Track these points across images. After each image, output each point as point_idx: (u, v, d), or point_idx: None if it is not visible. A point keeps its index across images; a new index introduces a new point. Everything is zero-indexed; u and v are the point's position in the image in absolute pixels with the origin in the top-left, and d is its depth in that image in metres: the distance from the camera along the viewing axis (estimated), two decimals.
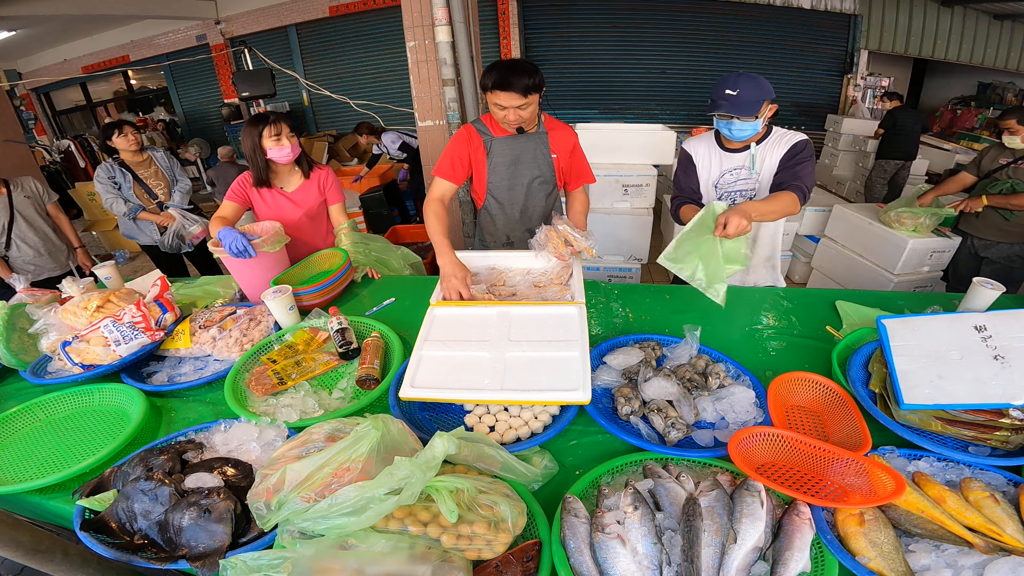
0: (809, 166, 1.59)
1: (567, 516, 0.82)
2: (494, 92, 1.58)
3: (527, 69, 1.57)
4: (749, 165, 1.68)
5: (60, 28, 6.81)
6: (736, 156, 1.71)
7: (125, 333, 1.38)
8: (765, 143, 1.66)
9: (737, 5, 6.29)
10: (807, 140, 1.61)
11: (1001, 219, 2.53)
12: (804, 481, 0.90)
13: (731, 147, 1.70)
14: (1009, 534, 0.78)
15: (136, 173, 2.88)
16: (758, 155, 1.66)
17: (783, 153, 1.62)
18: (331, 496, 0.75)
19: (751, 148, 1.66)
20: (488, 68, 1.60)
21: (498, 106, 1.62)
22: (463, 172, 1.81)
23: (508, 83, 1.55)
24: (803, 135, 1.63)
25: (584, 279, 1.57)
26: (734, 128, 1.58)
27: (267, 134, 1.84)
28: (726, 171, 1.73)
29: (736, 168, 1.71)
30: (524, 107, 1.61)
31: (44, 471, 1.11)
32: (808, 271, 3.88)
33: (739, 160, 1.70)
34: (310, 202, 2.01)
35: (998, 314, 1.13)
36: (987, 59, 6.21)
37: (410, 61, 3.11)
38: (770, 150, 1.65)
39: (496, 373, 1.15)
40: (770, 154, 1.65)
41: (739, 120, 1.55)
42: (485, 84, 1.60)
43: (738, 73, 1.55)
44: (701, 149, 1.78)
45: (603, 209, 3.42)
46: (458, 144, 1.79)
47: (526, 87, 1.56)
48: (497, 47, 6.60)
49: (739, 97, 1.51)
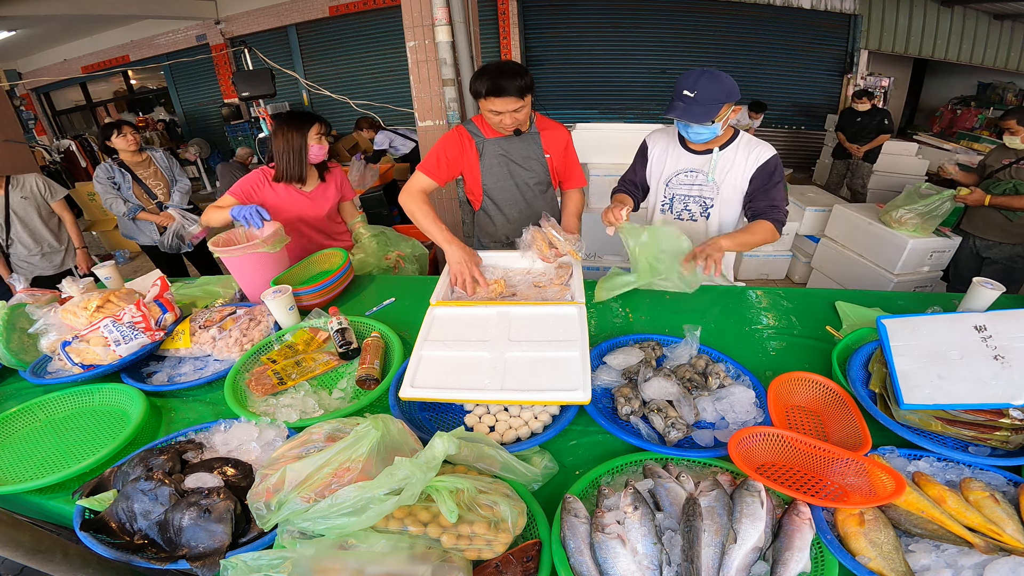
0: (782, 186, 1.55)
1: (567, 516, 0.82)
2: (488, 99, 1.55)
3: (517, 71, 1.54)
4: (708, 171, 1.61)
5: (60, 28, 6.82)
6: (695, 158, 1.64)
7: (125, 333, 1.38)
8: (729, 148, 1.59)
9: (737, 5, 6.30)
10: (776, 155, 1.56)
11: (1004, 219, 2.53)
12: (804, 481, 0.90)
13: (692, 148, 1.64)
14: (1009, 534, 0.78)
15: (135, 173, 2.89)
16: (720, 161, 1.59)
17: (753, 170, 1.55)
18: (331, 496, 0.75)
19: (713, 153, 1.59)
20: (477, 75, 1.56)
21: (493, 112, 1.59)
22: (447, 173, 1.79)
23: (501, 88, 1.52)
24: (771, 149, 1.56)
25: (584, 279, 1.57)
26: (691, 131, 1.53)
27: (314, 132, 1.84)
28: (681, 171, 1.67)
29: (692, 171, 1.64)
30: (520, 109, 1.59)
31: (44, 471, 1.11)
32: (808, 271, 3.88)
33: (697, 163, 1.63)
34: (329, 201, 2.02)
35: (998, 314, 1.13)
36: (987, 59, 6.21)
37: (410, 61, 3.11)
38: (736, 160, 1.58)
39: (496, 373, 1.15)
40: (735, 164, 1.58)
41: (696, 124, 1.49)
42: (477, 91, 1.56)
43: (701, 70, 1.46)
44: (660, 143, 1.73)
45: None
46: (447, 145, 1.77)
47: (520, 89, 1.54)
48: (497, 47, 6.60)
49: (696, 100, 1.43)
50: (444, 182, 1.79)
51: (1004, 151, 2.60)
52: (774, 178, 1.55)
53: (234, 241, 1.76)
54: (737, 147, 1.59)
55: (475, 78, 1.57)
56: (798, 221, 3.88)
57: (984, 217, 2.62)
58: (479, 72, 1.57)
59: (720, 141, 1.60)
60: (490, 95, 1.54)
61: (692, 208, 1.70)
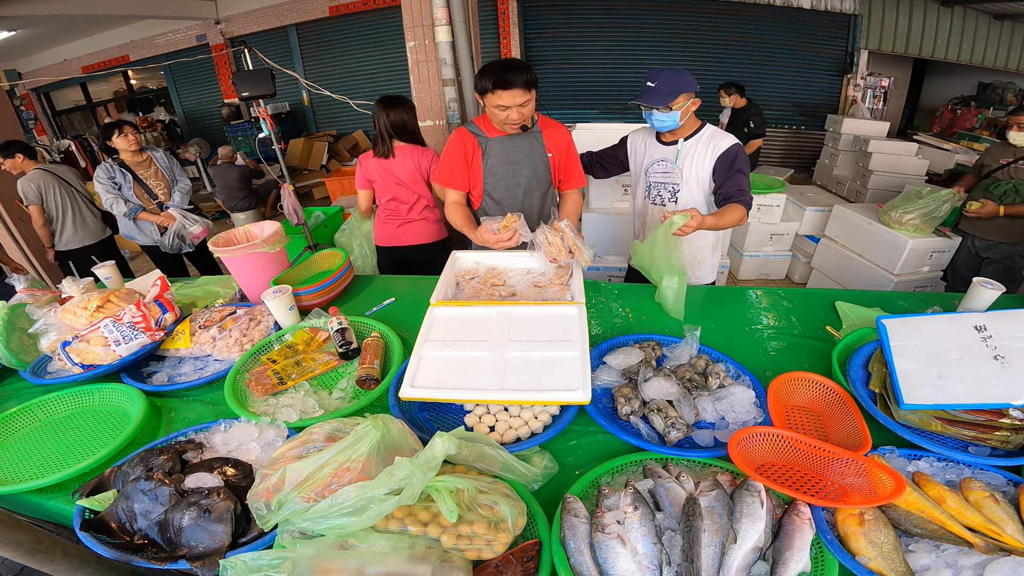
0: (745, 173, 1.67)
1: (567, 516, 0.82)
2: (495, 93, 1.57)
3: (521, 65, 1.58)
4: (673, 159, 1.77)
5: (60, 28, 6.82)
6: (665, 148, 1.80)
7: (125, 333, 1.38)
8: (692, 139, 1.74)
9: (737, 5, 6.29)
10: (738, 144, 1.68)
11: (1007, 221, 2.51)
12: (804, 481, 0.90)
13: (664, 140, 1.80)
14: (1009, 534, 0.78)
15: (136, 173, 2.89)
16: (683, 151, 1.75)
17: (715, 159, 1.69)
18: (331, 496, 0.75)
19: (679, 143, 1.75)
20: (482, 72, 1.59)
21: (500, 107, 1.61)
22: (462, 178, 1.84)
23: (509, 81, 1.55)
24: (733, 139, 1.70)
25: (584, 279, 1.56)
26: (654, 118, 1.68)
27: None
28: (654, 161, 1.83)
29: (662, 160, 1.81)
30: (526, 104, 1.61)
31: (44, 471, 1.11)
32: (808, 271, 3.88)
33: (666, 153, 1.80)
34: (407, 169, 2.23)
35: (998, 314, 1.13)
36: (987, 59, 6.20)
37: (410, 61, 3.11)
38: (698, 148, 1.72)
39: (496, 373, 1.15)
40: (698, 153, 1.72)
41: (656, 111, 1.64)
42: (484, 87, 1.59)
43: (663, 67, 1.64)
44: (639, 137, 1.92)
45: (603, 209, 3.42)
46: (451, 151, 1.81)
47: (527, 82, 1.57)
48: (497, 47, 6.60)
49: (655, 89, 1.61)
50: (466, 187, 1.87)
51: (1002, 150, 2.58)
52: (735, 165, 1.67)
53: (234, 241, 1.77)
54: (700, 138, 1.75)
55: (480, 75, 1.60)
56: (798, 221, 3.88)
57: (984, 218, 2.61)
58: (483, 69, 1.59)
59: (686, 132, 1.75)
60: (497, 88, 1.56)
61: (663, 194, 1.86)
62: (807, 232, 3.91)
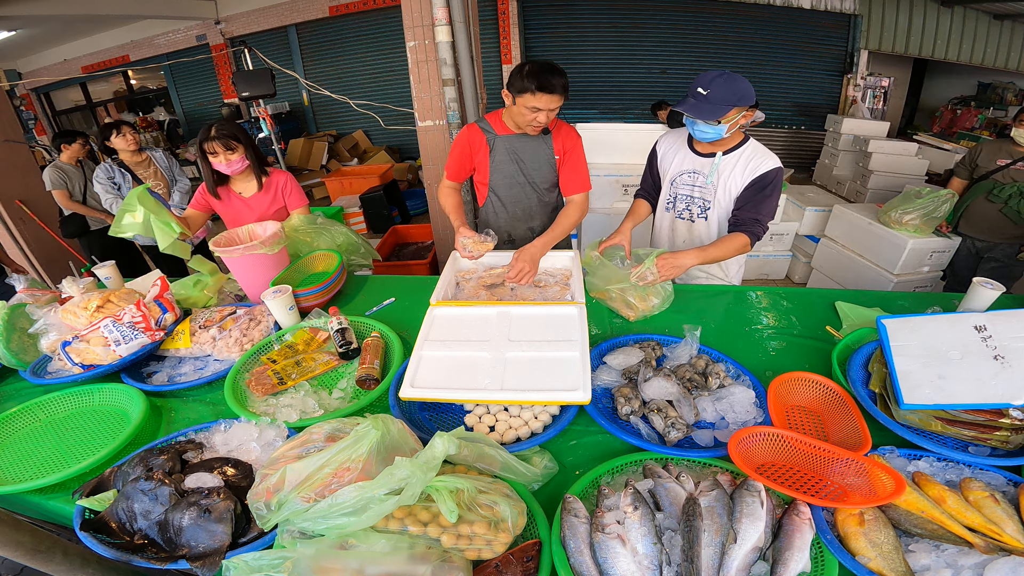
0: (773, 200, 1.57)
1: (567, 516, 0.82)
2: (535, 95, 1.54)
3: (560, 70, 1.56)
4: (708, 173, 1.63)
5: (60, 28, 6.82)
6: (699, 160, 1.66)
7: (125, 333, 1.38)
8: (733, 154, 1.60)
9: (737, 5, 6.29)
10: (779, 169, 1.55)
11: (1008, 222, 2.49)
12: (804, 481, 0.90)
13: (699, 150, 1.66)
14: (1009, 534, 0.78)
15: (135, 173, 2.89)
16: (720, 166, 1.61)
17: (751, 179, 1.56)
18: (331, 496, 0.75)
19: (716, 157, 1.61)
20: (519, 71, 1.56)
21: (533, 108, 1.58)
22: (461, 170, 1.87)
23: (551, 85, 1.53)
24: (777, 162, 1.55)
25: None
26: (697, 127, 1.54)
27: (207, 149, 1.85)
28: (685, 171, 1.70)
29: (695, 172, 1.67)
30: (556, 109, 1.61)
31: (44, 471, 1.11)
32: (808, 271, 3.88)
33: (701, 165, 1.66)
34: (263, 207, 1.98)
35: (998, 314, 1.13)
36: (987, 59, 6.20)
37: (410, 61, 3.11)
38: (737, 165, 1.59)
39: (496, 373, 1.15)
40: (736, 170, 1.59)
41: (702, 121, 1.49)
42: (524, 87, 1.55)
43: (719, 71, 1.47)
44: (669, 143, 1.78)
45: (603, 209, 3.42)
46: (458, 145, 1.83)
47: (564, 87, 1.56)
48: (497, 47, 6.60)
49: (707, 99, 1.45)
50: (462, 179, 1.91)
51: (996, 150, 2.54)
52: (766, 191, 1.55)
53: (234, 241, 1.76)
54: (741, 154, 1.59)
55: (521, 75, 1.55)
56: (798, 221, 3.88)
57: (985, 218, 2.60)
58: (525, 70, 1.55)
59: (726, 145, 1.60)
60: (539, 91, 1.54)
61: (692, 209, 1.72)
62: (807, 232, 3.91)
